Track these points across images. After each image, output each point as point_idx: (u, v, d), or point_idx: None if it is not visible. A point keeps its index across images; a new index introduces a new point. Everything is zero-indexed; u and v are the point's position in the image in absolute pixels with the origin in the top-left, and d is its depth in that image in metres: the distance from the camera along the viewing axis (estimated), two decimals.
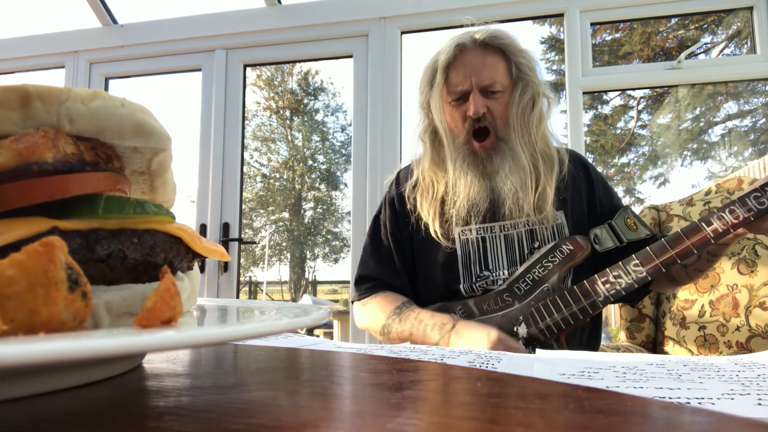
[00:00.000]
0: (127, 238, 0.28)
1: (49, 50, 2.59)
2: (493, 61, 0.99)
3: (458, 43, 0.99)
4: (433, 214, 1.00)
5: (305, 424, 0.18)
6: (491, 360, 0.44)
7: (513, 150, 0.98)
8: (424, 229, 1.03)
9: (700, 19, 3.65)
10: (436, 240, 1.00)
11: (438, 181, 1.02)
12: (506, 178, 0.96)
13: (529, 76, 1.00)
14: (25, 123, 0.27)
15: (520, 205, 0.95)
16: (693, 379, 0.35)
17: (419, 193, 1.04)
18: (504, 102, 0.99)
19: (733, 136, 4.10)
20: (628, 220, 0.97)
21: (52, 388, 0.22)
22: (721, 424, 0.18)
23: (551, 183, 0.98)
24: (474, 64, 0.98)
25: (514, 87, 1.00)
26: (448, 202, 1.00)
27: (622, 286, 0.86)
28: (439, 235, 0.99)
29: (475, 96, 0.97)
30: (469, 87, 0.97)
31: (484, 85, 0.97)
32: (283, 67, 5.61)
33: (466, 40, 0.99)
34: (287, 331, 0.24)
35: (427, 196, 1.03)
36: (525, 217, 0.96)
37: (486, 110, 0.97)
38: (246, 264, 5.69)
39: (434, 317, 0.90)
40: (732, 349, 1.29)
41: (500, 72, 0.99)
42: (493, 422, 0.18)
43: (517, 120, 0.98)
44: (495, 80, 0.97)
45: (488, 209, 0.99)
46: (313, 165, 6.21)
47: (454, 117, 1.00)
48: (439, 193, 1.01)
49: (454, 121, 1.00)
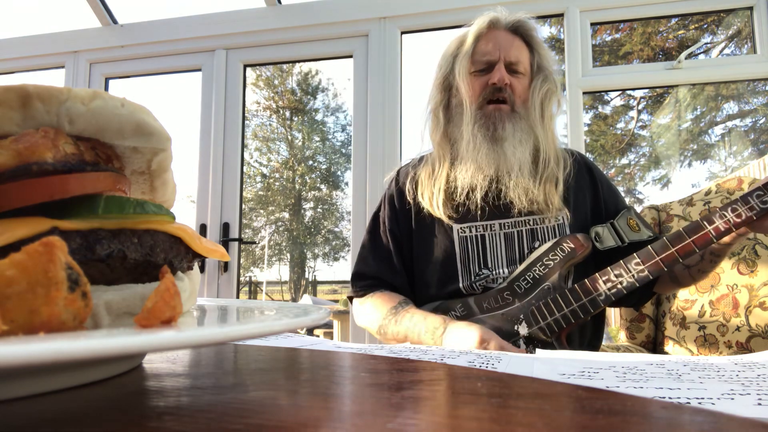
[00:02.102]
0: (127, 238, 0.28)
1: (49, 50, 2.59)
2: (519, 45, 1.03)
3: (491, 19, 1.03)
4: (438, 190, 1.01)
5: (305, 424, 0.18)
6: (491, 360, 0.44)
7: (526, 128, 0.99)
8: (424, 223, 1.03)
9: (700, 19, 3.65)
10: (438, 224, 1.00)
11: (444, 158, 1.03)
12: (514, 148, 0.97)
13: (549, 71, 1.04)
14: (25, 123, 0.27)
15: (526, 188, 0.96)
16: (693, 379, 0.35)
17: (423, 172, 1.05)
18: (525, 84, 1.02)
19: (733, 136, 4.10)
20: (630, 220, 0.97)
21: (52, 388, 0.22)
22: (721, 424, 0.18)
23: (561, 178, 0.99)
24: (503, 41, 1.01)
25: (535, 76, 1.03)
26: (453, 176, 1.00)
27: (623, 284, 0.86)
28: (441, 211, 0.99)
29: (501, 67, 0.99)
30: (496, 58, 1.00)
31: (510, 61, 1.00)
32: (282, 67, 5.61)
33: (499, 18, 1.03)
34: (287, 331, 0.24)
35: (431, 173, 1.04)
36: (528, 204, 0.96)
37: (508, 84, 0.99)
38: (246, 264, 5.69)
39: (427, 320, 0.90)
40: (732, 349, 1.29)
41: (525, 57, 1.03)
42: (493, 422, 0.18)
43: (535, 107, 1.00)
44: (520, 61, 1.01)
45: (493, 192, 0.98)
46: (313, 165, 6.21)
47: (474, 87, 1.01)
48: (444, 171, 1.02)
49: (473, 90, 1.01)
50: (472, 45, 1.02)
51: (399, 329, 0.93)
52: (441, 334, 0.86)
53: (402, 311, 0.94)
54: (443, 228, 1.00)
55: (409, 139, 2.29)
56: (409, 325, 0.91)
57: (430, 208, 1.01)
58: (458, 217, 1.00)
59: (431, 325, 0.88)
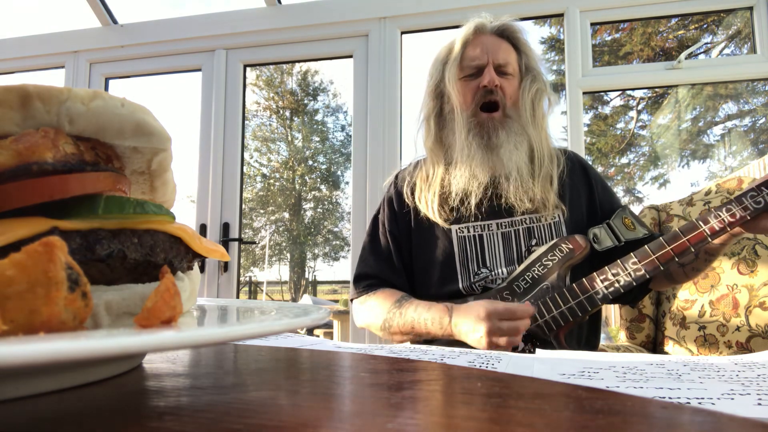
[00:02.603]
0: (127, 238, 0.28)
1: (49, 50, 2.59)
2: (507, 47, 1.04)
3: (477, 25, 1.04)
4: (433, 194, 1.02)
5: (305, 424, 0.18)
6: (491, 360, 0.44)
7: (519, 130, 1.00)
8: (422, 225, 1.04)
9: (700, 19, 3.65)
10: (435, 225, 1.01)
11: (438, 163, 1.04)
12: (510, 153, 0.98)
13: (537, 71, 1.05)
14: (25, 123, 0.27)
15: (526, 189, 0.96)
16: (693, 379, 0.35)
17: (419, 177, 1.06)
18: (514, 85, 1.03)
19: (732, 136, 4.10)
20: (626, 219, 0.98)
21: (52, 388, 0.22)
22: (721, 424, 0.18)
23: (555, 176, 1.00)
24: (490, 45, 1.03)
25: (524, 77, 1.04)
26: (448, 180, 1.01)
27: (620, 283, 0.87)
28: (437, 215, 1.00)
29: (490, 70, 1.00)
30: (485, 62, 1.01)
31: (499, 64, 1.01)
32: (282, 67, 5.61)
33: (484, 24, 1.05)
34: (287, 331, 0.24)
35: (426, 179, 1.05)
36: (528, 203, 0.97)
37: (498, 85, 1.00)
38: (246, 264, 5.69)
39: (431, 310, 0.91)
40: (732, 349, 1.29)
41: (513, 59, 1.04)
42: (493, 422, 0.18)
43: (526, 108, 1.01)
44: (509, 62, 1.03)
45: (490, 195, 0.99)
46: (313, 165, 6.21)
47: (464, 92, 1.02)
48: (438, 176, 1.03)
49: (464, 96, 1.02)
50: (460, 51, 1.03)
51: (404, 321, 0.94)
52: (448, 322, 0.88)
53: (406, 303, 0.96)
54: (441, 229, 1.02)
55: (409, 139, 2.29)
56: (414, 316, 0.93)
57: (427, 212, 1.02)
58: (455, 218, 1.01)
59: (437, 315, 0.90)
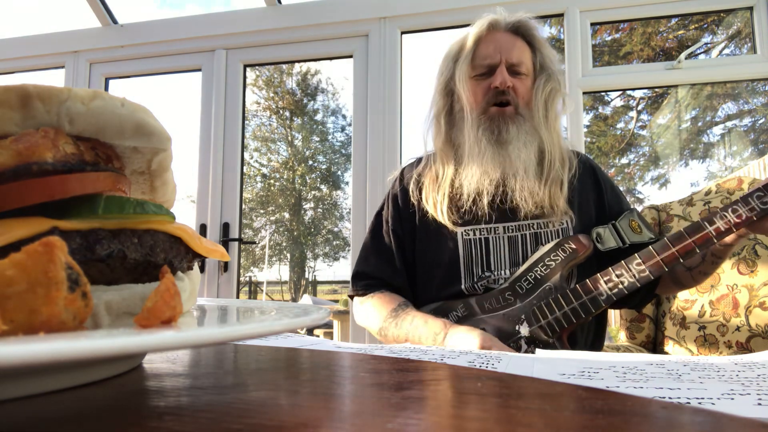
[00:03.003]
0: (127, 238, 0.28)
1: (49, 50, 2.59)
2: (521, 45, 1.01)
3: (491, 22, 1.01)
4: (442, 196, 0.99)
5: (305, 424, 0.18)
6: (491, 360, 0.44)
7: (531, 130, 0.98)
8: (428, 224, 1.02)
9: (700, 19, 3.65)
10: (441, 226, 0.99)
11: (448, 163, 1.02)
12: (519, 151, 0.96)
13: (552, 70, 1.02)
14: (25, 123, 0.27)
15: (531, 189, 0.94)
16: (693, 379, 0.35)
17: (427, 177, 1.04)
18: (528, 85, 1.01)
19: (732, 136, 4.10)
20: (632, 222, 0.97)
21: (52, 388, 0.22)
22: (721, 424, 0.18)
23: (565, 181, 0.98)
24: (503, 42, 1.00)
25: (538, 76, 1.01)
26: (459, 182, 0.99)
27: (624, 284, 0.86)
28: (446, 217, 0.98)
29: (502, 70, 0.98)
30: (497, 61, 0.98)
31: (512, 63, 0.99)
32: (282, 67, 5.61)
33: (498, 20, 1.01)
34: (287, 331, 0.24)
35: (435, 179, 1.02)
36: (533, 206, 0.95)
37: (511, 86, 0.98)
38: (246, 264, 5.69)
39: (427, 324, 0.89)
40: (732, 349, 1.29)
41: (527, 57, 1.01)
42: (493, 422, 0.18)
43: (538, 108, 0.99)
44: (522, 62, 1.00)
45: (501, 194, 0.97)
46: (313, 165, 6.21)
47: (475, 92, 1.00)
48: (449, 176, 1.01)
49: (475, 96, 1.00)
50: (472, 49, 1.00)
51: (399, 332, 0.92)
52: (442, 340, 0.86)
53: (402, 314, 0.94)
54: (447, 231, 0.99)
55: (410, 138, 2.29)
56: (410, 329, 0.91)
57: (435, 213, 1.00)
58: (463, 221, 0.99)
59: (432, 329, 0.88)
